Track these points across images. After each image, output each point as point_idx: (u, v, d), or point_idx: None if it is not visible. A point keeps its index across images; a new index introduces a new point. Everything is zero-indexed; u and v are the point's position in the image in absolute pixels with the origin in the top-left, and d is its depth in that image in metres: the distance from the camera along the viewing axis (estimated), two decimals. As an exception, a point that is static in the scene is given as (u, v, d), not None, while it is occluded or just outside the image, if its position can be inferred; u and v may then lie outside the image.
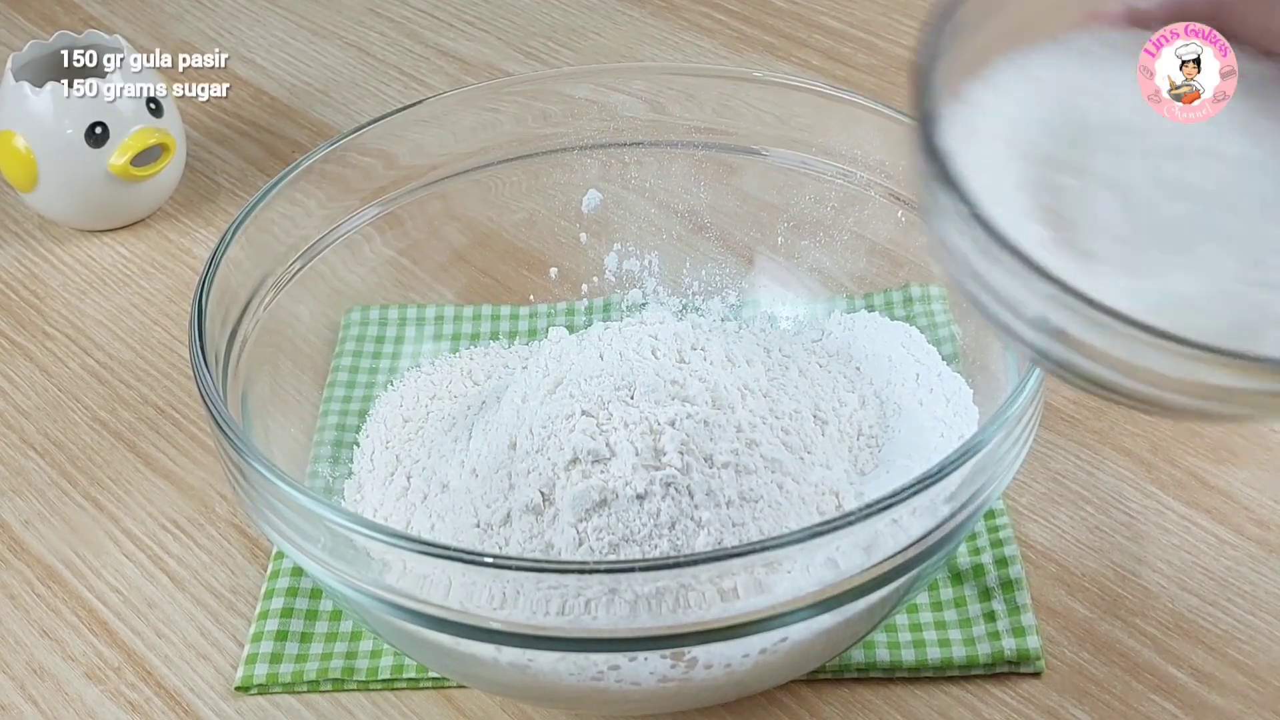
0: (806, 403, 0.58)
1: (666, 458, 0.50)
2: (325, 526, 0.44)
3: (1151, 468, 0.62)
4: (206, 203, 0.83)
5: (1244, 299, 0.35)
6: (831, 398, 0.59)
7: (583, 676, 0.47)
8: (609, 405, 0.52)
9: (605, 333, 0.58)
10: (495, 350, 0.66)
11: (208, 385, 0.48)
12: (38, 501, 0.63)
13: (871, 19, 0.99)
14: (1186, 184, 0.37)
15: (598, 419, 0.51)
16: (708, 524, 0.50)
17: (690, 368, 0.55)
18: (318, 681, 0.54)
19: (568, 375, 0.54)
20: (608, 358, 0.55)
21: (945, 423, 0.57)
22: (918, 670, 0.54)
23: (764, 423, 0.54)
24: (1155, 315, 0.33)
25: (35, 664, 0.56)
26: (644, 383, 0.53)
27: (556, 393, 0.54)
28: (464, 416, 0.59)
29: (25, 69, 0.78)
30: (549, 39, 0.98)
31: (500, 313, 0.68)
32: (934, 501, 0.44)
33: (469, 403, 0.61)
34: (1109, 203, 0.37)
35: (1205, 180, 0.37)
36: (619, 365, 0.54)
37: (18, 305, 0.75)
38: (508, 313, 0.68)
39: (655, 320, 0.60)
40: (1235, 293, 0.35)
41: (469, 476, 0.54)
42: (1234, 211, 0.36)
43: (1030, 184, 0.36)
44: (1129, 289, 0.34)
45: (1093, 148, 0.38)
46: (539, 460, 0.51)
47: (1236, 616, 0.56)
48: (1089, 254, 0.36)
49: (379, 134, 0.62)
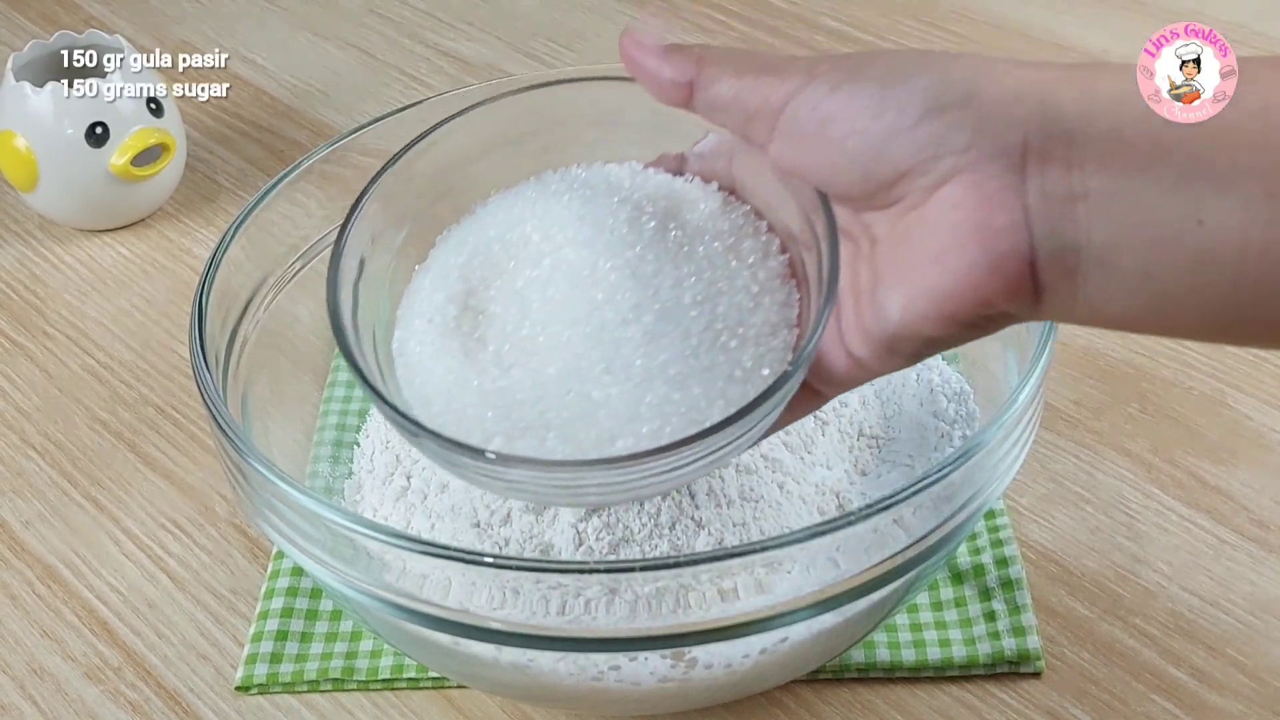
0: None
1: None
2: (325, 526, 0.44)
3: (1151, 468, 0.62)
4: (207, 203, 0.83)
5: (571, 397, 0.42)
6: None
7: (583, 676, 0.47)
8: None
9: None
10: None
11: (208, 385, 0.48)
12: (38, 502, 0.63)
13: (871, 19, 0.99)
14: (551, 297, 0.44)
15: None
16: (708, 524, 0.50)
17: None
18: (318, 681, 0.54)
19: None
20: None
21: (945, 423, 0.57)
22: (918, 670, 0.54)
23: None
24: (502, 410, 0.42)
25: (35, 664, 0.56)
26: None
27: None
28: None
29: (26, 69, 0.78)
30: (550, 40, 0.98)
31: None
32: (934, 501, 0.44)
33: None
34: (503, 311, 0.45)
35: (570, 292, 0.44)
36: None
37: (18, 305, 0.75)
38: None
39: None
40: (567, 390, 0.42)
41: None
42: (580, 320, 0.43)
43: (456, 314, 0.45)
44: (491, 387, 0.43)
45: (498, 269, 0.46)
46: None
47: (1236, 616, 0.56)
48: (480, 354, 0.44)
49: (379, 134, 0.62)
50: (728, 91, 0.40)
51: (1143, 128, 0.34)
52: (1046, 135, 0.34)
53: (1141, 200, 0.33)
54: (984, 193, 0.35)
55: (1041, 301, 0.36)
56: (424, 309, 0.46)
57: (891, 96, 0.36)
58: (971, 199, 0.35)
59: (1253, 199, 0.32)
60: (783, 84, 0.38)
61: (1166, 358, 0.68)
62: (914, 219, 0.37)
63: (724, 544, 0.50)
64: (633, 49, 0.42)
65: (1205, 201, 0.33)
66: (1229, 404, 0.65)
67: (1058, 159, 0.34)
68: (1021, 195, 0.35)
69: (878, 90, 0.36)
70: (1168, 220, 0.33)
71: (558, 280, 0.44)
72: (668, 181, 0.46)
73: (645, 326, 0.42)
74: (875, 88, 0.37)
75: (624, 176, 0.47)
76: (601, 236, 0.44)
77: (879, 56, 0.38)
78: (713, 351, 0.42)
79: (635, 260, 0.43)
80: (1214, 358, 0.68)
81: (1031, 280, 0.35)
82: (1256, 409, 0.65)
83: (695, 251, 0.44)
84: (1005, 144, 0.35)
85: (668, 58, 0.42)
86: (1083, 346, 0.68)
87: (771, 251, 0.45)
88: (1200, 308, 0.34)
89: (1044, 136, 0.34)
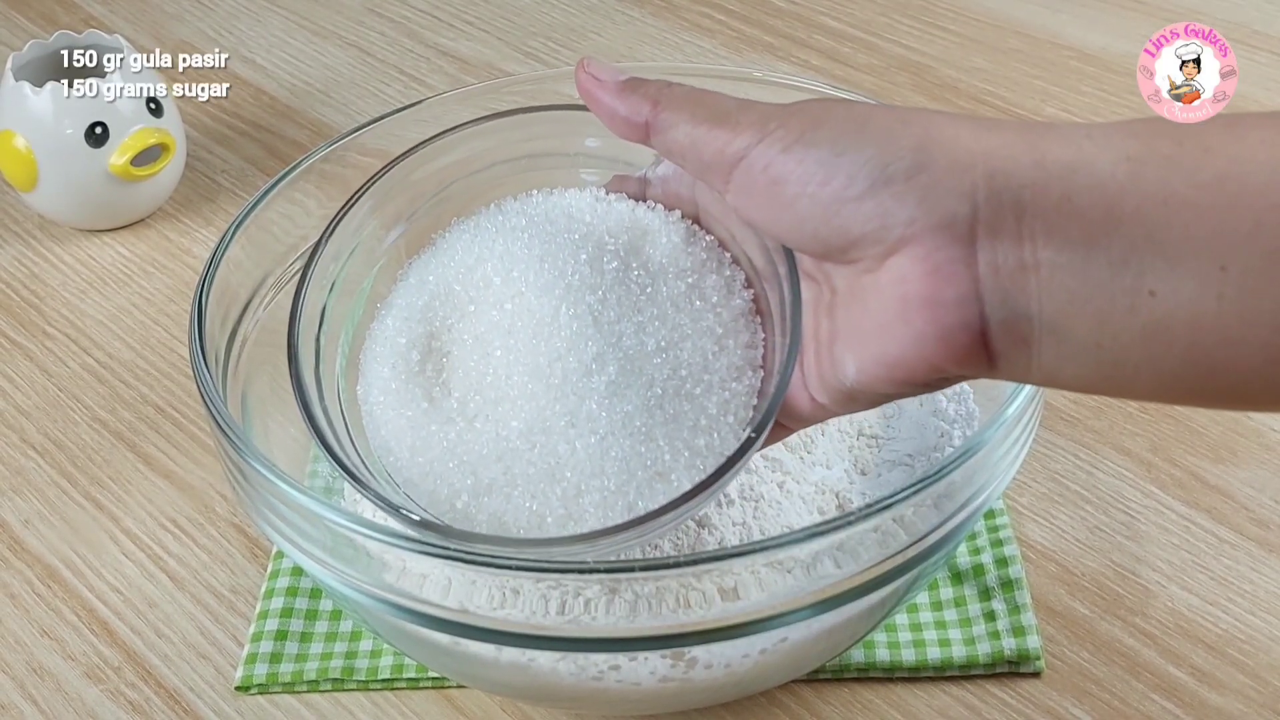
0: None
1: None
2: (325, 526, 0.44)
3: (1151, 467, 0.62)
4: (206, 202, 0.83)
5: (536, 452, 0.42)
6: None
7: (583, 676, 0.47)
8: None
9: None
10: None
11: (208, 385, 0.48)
12: (38, 501, 0.63)
13: (871, 19, 0.99)
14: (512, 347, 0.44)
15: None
16: (707, 523, 0.50)
17: None
18: (317, 681, 0.54)
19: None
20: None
21: (945, 422, 0.57)
22: (918, 670, 0.54)
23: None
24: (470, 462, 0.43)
25: (35, 663, 0.56)
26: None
27: None
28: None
29: (25, 69, 0.78)
30: (549, 39, 0.98)
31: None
32: (934, 501, 0.44)
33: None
34: (465, 356, 0.45)
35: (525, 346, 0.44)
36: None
37: (18, 305, 0.75)
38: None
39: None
40: (531, 445, 0.43)
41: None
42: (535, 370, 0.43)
43: (419, 359, 0.46)
44: (456, 439, 0.44)
45: (459, 312, 0.46)
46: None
47: (1236, 616, 0.56)
48: (445, 402, 0.45)
49: (379, 134, 0.62)
50: (684, 138, 0.40)
51: (1095, 196, 0.33)
52: (996, 206, 0.34)
53: (1093, 272, 0.33)
54: (932, 265, 0.35)
55: (996, 366, 0.36)
56: (387, 355, 0.46)
57: (840, 164, 0.36)
58: (919, 271, 0.35)
59: (1206, 271, 0.32)
60: (736, 138, 0.38)
61: (1166, 357, 0.68)
62: (869, 282, 0.37)
63: (724, 544, 0.50)
64: (589, 83, 0.42)
65: (1157, 273, 0.32)
66: (1229, 403, 0.65)
67: (1008, 231, 0.34)
68: (971, 267, 0.34)
69: (828, 156, 0.36)
70: (1120, 291, 0.33)
71: (519, 328, 0.44)
72: (629, 211, 0.46)
73: (609, 377, 0.42)
74: (825, 153, 0.36)
75: (584, 207, 0.47)
76: (562, 280, 0.44)
77: (830, 116, 0.37)
78: (677, 400, 0.43)
79: (597, 305, 0.43)
80: (1214, 357, 0.68)
81: (984, 349, 0.35)
82: (1256, 408, 0.65)
83: (659, 293, 0.44)
84: (953, 216, 0.34)
85: (623, 95, 0.41)
86: (1082, 346, 0.68)
87: (735, 289, 0.45)
88: (1155, 375, 0.34)
89: (994, 207, 0.34)
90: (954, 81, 0.91)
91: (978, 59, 0.94)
